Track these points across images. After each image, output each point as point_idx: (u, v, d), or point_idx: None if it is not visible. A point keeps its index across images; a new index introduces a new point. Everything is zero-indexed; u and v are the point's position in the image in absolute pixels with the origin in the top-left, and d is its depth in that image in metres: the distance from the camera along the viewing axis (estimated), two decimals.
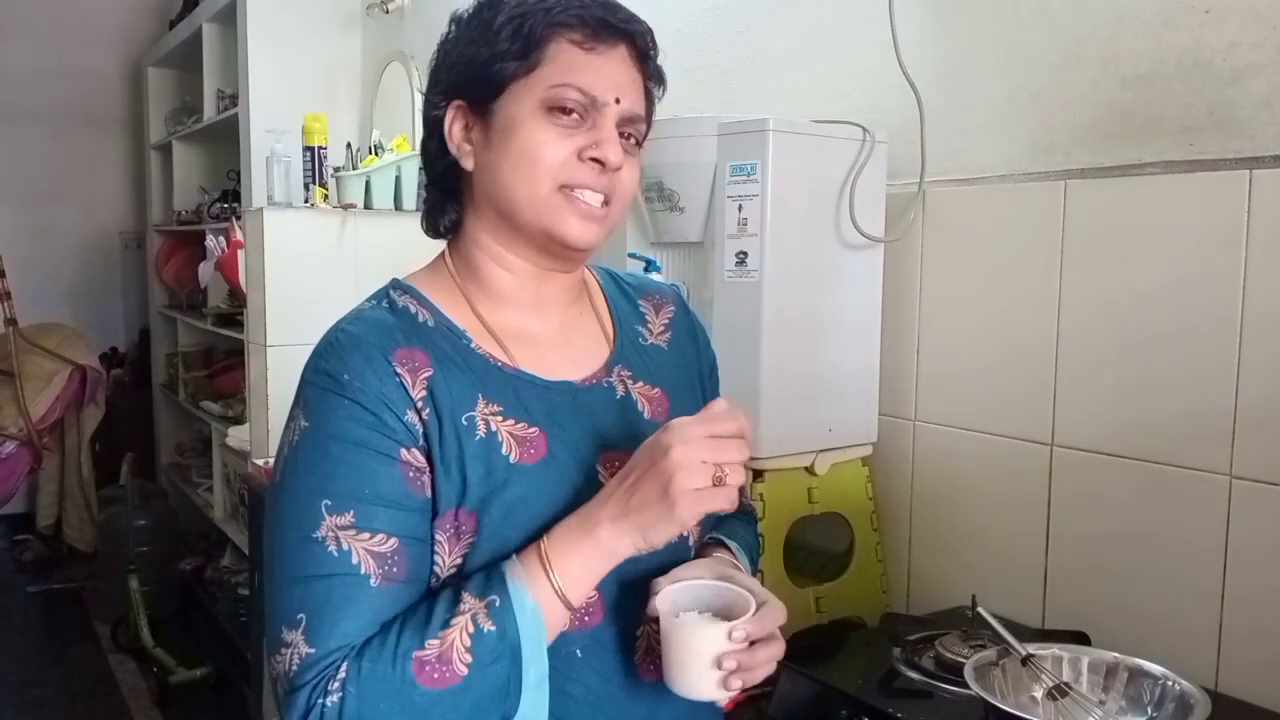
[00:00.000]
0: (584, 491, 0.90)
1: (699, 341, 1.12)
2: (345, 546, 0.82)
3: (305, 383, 0.88)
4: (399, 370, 0.87)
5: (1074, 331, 1.48)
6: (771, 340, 1.52)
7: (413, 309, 0.93)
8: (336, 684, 0.79)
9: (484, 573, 0.84)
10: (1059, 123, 1.51)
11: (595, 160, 0.89)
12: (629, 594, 0.92)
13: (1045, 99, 1.52)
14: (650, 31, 0.94)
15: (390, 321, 0.91)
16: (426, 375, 0.88)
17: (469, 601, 0.82)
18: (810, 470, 1.61)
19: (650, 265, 1.65)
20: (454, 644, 0.80)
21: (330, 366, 0.87)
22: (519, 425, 0.90)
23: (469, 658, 0.80)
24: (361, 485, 0.84)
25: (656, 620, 0.88)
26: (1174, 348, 1.36)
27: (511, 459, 0.89)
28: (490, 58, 0.90)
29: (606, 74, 0.90)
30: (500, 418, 0.90)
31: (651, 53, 0.95)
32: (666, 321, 1.08)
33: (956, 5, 1.65)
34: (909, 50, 1.64)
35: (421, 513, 0.86)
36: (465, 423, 0.88)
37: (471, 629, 0.80)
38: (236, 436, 3.11)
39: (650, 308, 1.08)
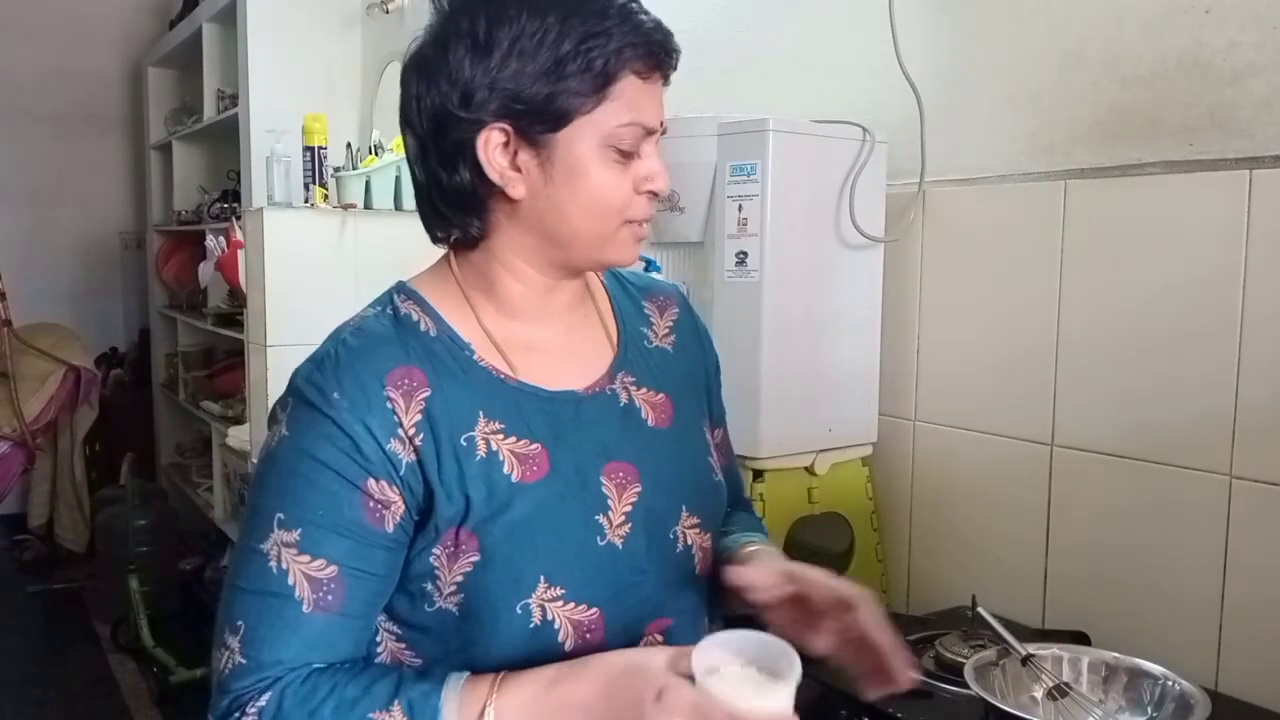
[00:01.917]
0: (588, 505, 0.90)
1: (704, 345, 1.10)
2: (284, 566, 0.83)
3: (295, 389, 0.88)
4: (391, 395, 0.86)
5: (1074, 331, 1.48)
6: (771, 340, 1.52)
7: (415, 316, 0.92)
8: (254, 709, 0.81)
9: (427, 688, 0.81)
10: (1059, 123, 1.51)
11: (650, 192, 0.92)
12: (629, 608, 0.91)
13: (1045, 99, 1.52)
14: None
15: (391, 335, 0.90)
16: (424, 396, 0.87)
17: (396, 713, 0.79)
18: (810, 470, 1.61)
19: (650, 265, 1.65)
20: None
21: (322, 381, 0.86)
22: (520, 442, 0.89)
23: None
24: (316, 506, 0.83)
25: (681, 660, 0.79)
26: (1174, 347, 1.36)
27: (514, 478, 0.87)
28: (556, 92, 0.85)
29: (657, 101, 0.91)
30: (501, 436, 0.88)
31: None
32: (671, 324, 1.06)
33: (956, 5, 1.65)
34: (909, 50, 1.64)
35: (378, 547, 0.85)
36: (464, 443, 0.87)
37: None
38: (236, 436, 3.10)
39: (655, 309, 1.07)
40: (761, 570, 0.92)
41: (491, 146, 0.87)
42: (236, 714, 0.81)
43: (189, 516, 4.27)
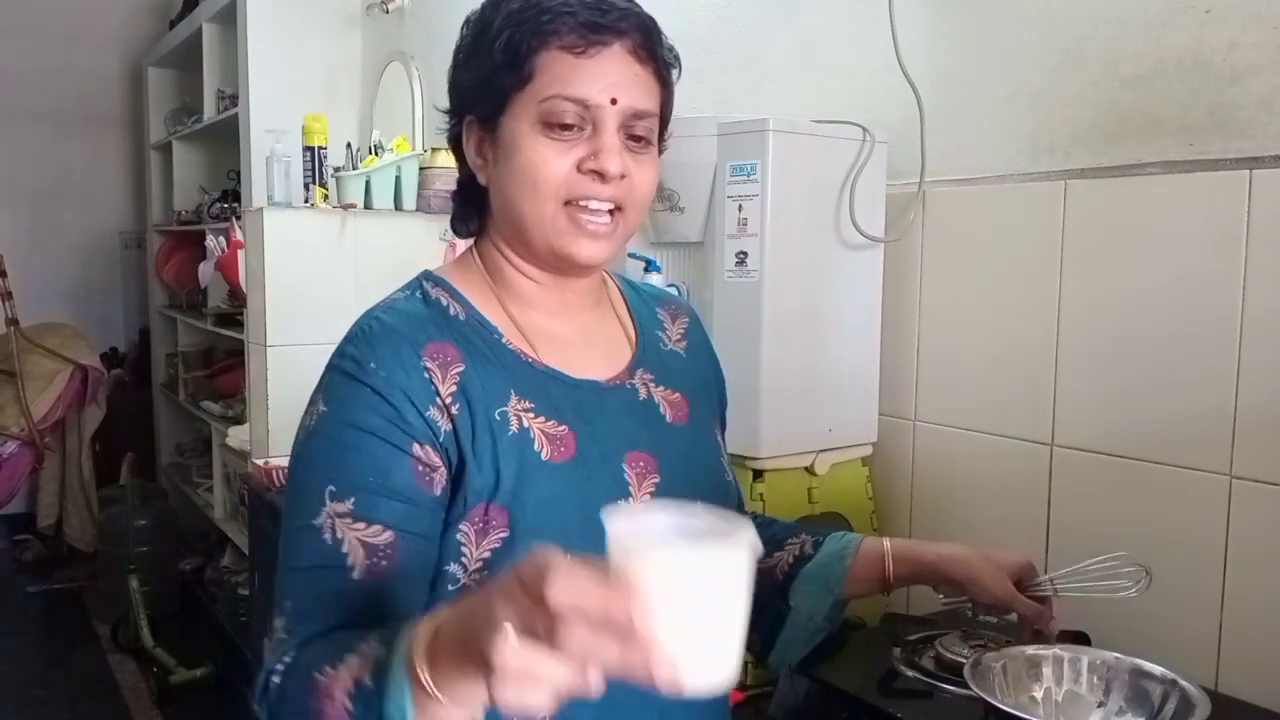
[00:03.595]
0: (611, 490, 0.91)
1: (714, 356, 1.14)
2: (339, 535, 0.83)
3: (330, 367, 0.89)
4: (428, 365, 0.87)
5: (1074, 331, 1.48)
6: (771, 340, 1.51)
7: (444, 301, 0.94)
8: (281, 666, 0.80)
9: (386, 634, 0.73)
10: (1059, 123, 1.51)
11: (594, 172, 0.88)
12: None
13: (1045, 99, 1.52)
14: (647, 22, 0.92)
15: (423, 313, 0.92)
16: (458, 370, 0.88)
17: (373, 641, 0.74)
18: (810, 470, 1.61)
19: (650, 265, 1.65)
20: (343, 683, 0.74)
21: (357, 352, 0.87)
22: (549, 423, 0.91)
23: (350, 704, 0.73)
24: (367, 474, 0.84)
25: None
26: (1174, 347, 1.36)
27: (543, 456, 0.89)
28: (489, 73, 0.90)
29: (598, 76, 0.88)
30: (532, 414, 0.90)
31: (653, 42, 0.92)
32: (683, 330, 1.10)
33: (956, 5, 1.65)
34: (909, 50, 1.64)
35: (428, 510, 0.86)
36: (498, 418, 0.88)
37: (354, 678, 0.73)
38: (236, 436, 3.10)
39: (668, 315, 1.10)
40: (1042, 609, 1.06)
41: (471, 141, 0.95)
42: (268, 680, 0.80)
43: (189, 516, 4.27)
